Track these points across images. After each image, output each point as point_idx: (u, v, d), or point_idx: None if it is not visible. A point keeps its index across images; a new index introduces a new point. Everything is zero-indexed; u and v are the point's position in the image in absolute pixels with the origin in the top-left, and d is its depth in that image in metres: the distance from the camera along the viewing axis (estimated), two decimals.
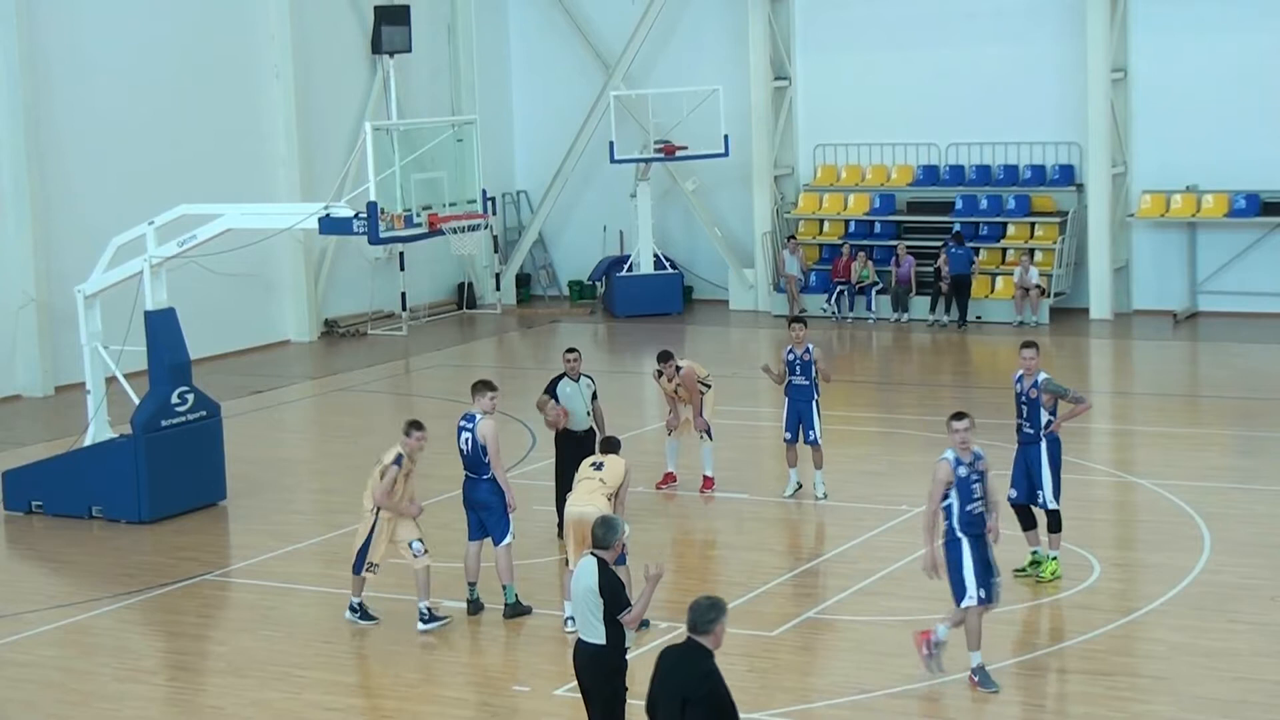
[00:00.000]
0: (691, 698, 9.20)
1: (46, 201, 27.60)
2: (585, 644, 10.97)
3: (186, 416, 19.81)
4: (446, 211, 19.59)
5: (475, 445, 15.44)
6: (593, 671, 10.96)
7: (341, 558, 17.94)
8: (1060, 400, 16.12)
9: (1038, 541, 16.21)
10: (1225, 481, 19.67)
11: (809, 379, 19.09)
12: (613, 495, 14.92)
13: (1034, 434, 16.17)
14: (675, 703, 9.26)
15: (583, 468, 15.38)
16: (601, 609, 10.84)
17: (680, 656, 9.45)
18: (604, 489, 14.89)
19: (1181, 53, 31.35)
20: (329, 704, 13.69)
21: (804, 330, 19.09)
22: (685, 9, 35.52)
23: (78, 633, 15.86)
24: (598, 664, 10.92)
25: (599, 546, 11.15)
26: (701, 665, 9.26)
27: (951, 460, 13.53)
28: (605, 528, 11.20)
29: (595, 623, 10.88)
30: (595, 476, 15.06)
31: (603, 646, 10.89)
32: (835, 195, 34.56)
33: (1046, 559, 16.14)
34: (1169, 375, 27.40)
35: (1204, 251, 31.66)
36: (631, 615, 10.93)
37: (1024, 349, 16.36)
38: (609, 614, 10.83)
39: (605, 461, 15.28)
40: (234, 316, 30.51)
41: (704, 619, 9.37)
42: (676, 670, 9.38)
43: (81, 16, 28.36)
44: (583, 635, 11.01)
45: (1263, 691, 13.33)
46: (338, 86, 33.28)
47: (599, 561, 11.03)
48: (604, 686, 10.94)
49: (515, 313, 35.81)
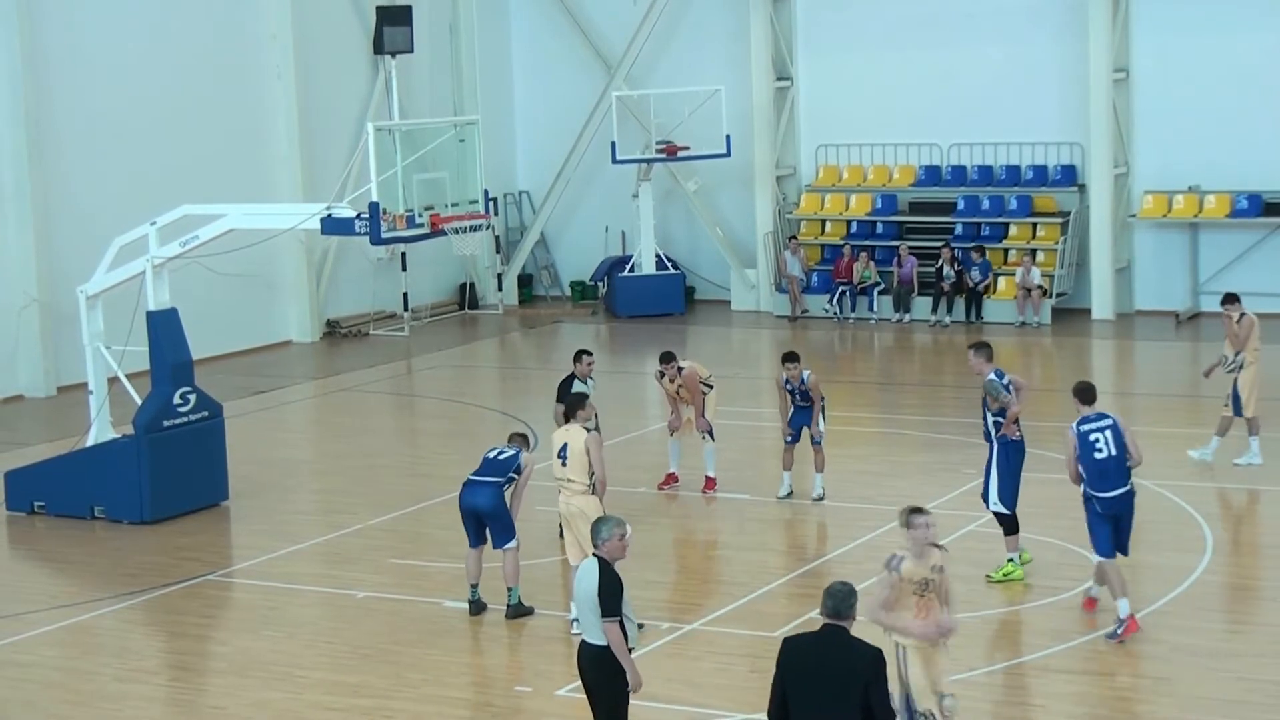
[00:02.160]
0: (874, 680, 9.18)
1: (48, 202, 27.62)
2: (589, 645, 10.97)
3: (189, 417, 19.82)
4: (448, 212, 19.60)
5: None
6: (596, 672, 10.96)
7: (343, 558, 18.00)
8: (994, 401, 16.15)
9: (1015, 547, 16.24)
10: (1227, 482, 19.67)
11: (808, 400, 19.15)
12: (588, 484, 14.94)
13: (987, 435, 16.25)
14: (853, 689, 9.13)
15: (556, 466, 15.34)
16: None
17: (837, 644, 9.30)
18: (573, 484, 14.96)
19: (1184, 53, 31.34)
20: (331, 704, 13.70)
21: (797, 366, 19.05)
22: (687, 9, 35.52)
23: (80, 633, 15.86)
24: (601, 665, 10.91)
25: (594, 546, 11.18)
26: (869, 649, 9.23)
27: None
28: (594, 527, 11.22)
29: (597, 624, 10.88)
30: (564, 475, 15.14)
31: (606, 648, 10.88)
32: (837, 195, 34.56)
33: (1007, 560, 16.21)
34: (1171, 376, 27.37)
35: (1206, 252, 31.66)
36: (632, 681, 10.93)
37: (968, 349, 16.51)
38: (602, 616, 10.79)
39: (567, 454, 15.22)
40: (236, 317, 30.52)
41: (845, 604, 9.36)
42: (842, 658, 9.24)
43: (83, 17, 28.37)
44: (586, 636, 11.02)
45: (1264, 692, 13.33)
46: (339, 87, 33.30)
47: (599, 561, 11.01)
48: (607, 686, 10.92)
49: (517, 313, 35.82)
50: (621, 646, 10.86)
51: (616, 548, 11.01)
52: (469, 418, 25.42)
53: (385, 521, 19.27)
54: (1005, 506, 16.12)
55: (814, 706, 9.24)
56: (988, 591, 15.92)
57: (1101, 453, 14.43)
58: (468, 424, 24.93)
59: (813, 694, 9.25)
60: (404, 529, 19.06)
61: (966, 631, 15.21)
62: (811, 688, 9.27)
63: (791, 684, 9.32)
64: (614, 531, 11.03)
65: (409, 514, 19.57)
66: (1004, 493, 16.11)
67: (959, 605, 15.71)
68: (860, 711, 9.12)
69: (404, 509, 19.74)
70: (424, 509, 19.61)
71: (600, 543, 11.04)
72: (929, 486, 19.28)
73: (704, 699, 13.15)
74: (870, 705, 9.13)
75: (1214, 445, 20.12)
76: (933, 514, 11.50)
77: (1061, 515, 18.30)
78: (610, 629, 10.79)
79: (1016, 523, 16.21)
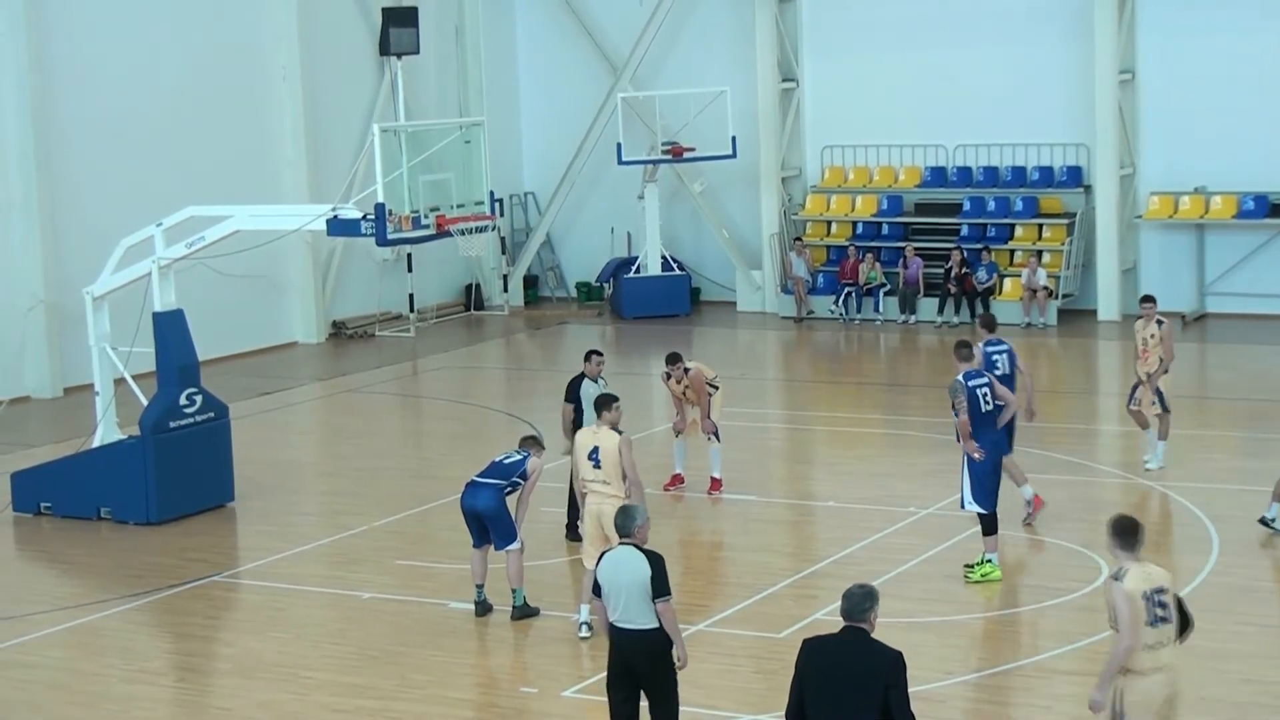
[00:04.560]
0: (895, 683, 9.17)
1: (55, 203, 27.64)
2: (636, 631, 11.17)
3: (195, 418, 19.83)
4: (454, 213, 19.62)
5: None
6: (647, 655, 11.17)
7: (349, 559, 18.00)
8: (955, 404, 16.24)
9: (995, 547, 16.23)
10: (1233, 483, 19.65)
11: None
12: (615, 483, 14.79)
13: (957, 436, 16.35)
14: (874, 690, 9.13)
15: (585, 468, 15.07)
16: (649, 595, 11.09)
17: (856, 646, 9.30)
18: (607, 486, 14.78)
19: (1190, 54, 31.31)
20: (336, 705, 13.70)
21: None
22: (693, 11, 35.52)
23: (85, 634, 15.88)
24: (653, 647, 11.15)
25: (625, 535, 11.36)
26: (889, 651, 9.22)
27: None
28: (624, 516, 11.42)
29: (646, 610, 11.10)
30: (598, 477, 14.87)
31: (658, 629, 11.14)
32: (843, 197, 34.56)
33: (983, 559, 16.23)
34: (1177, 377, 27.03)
35: (1212, 253, 31.63)
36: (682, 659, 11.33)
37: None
38: (657, 597, 11.08)
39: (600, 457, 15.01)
40: (242, 318, 30.53)
41: (859, 607, 9.35)
42: (860, 660, 9.24)
43: (89, 20, 28.39)
44: (632, 625, 11.18)
45: (1270, 694, 13.32)
46: (345, 88, 33.31)
47: (637, 549, 11.25)
48: (661, 668, 11.19)
49: (523, 314, 35.83)
50: (677, 624, 11.19)
51: (646, 534, 11.38)
52: (475, 419, 25.42)
53: (391, 523, 19.28)
54: (981, 506, 16.16)
55: (833, 709, 9.23)
56: (990, 593, 15.91)
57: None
58: (473, 425, 24.94)
59: (832, 696, 9.24)
60: (409, 530, 19.07)
61: (970, 633, 15.26)
62: (831, 690, 9.26)
63: (810, 686, 9.32)
64: (645, 518, 11.40)
65: (414, 515, 19.58)
66: (978, 492, 16.15)
67: (961, 607, 15.75)
68: (880, 715, 9.11)
69: (409, 510, 19.75)
70: (429, 510, 19.61)
71: (635, 530, 11.31)
72: (934, 488, 19.27)
73: (710, 700, 13.14)
74: (890, 708, 9.12)
75: (1160, 449, 20.13)
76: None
77: (1066, 517, 18.32)
78: (668, 608, 11.09)
79: (995, 522, 16.21)
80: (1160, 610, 10.14)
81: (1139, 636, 10.04)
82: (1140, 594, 10.09)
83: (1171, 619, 10.23)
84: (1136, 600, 10.05)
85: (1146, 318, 20.14)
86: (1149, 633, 10.08)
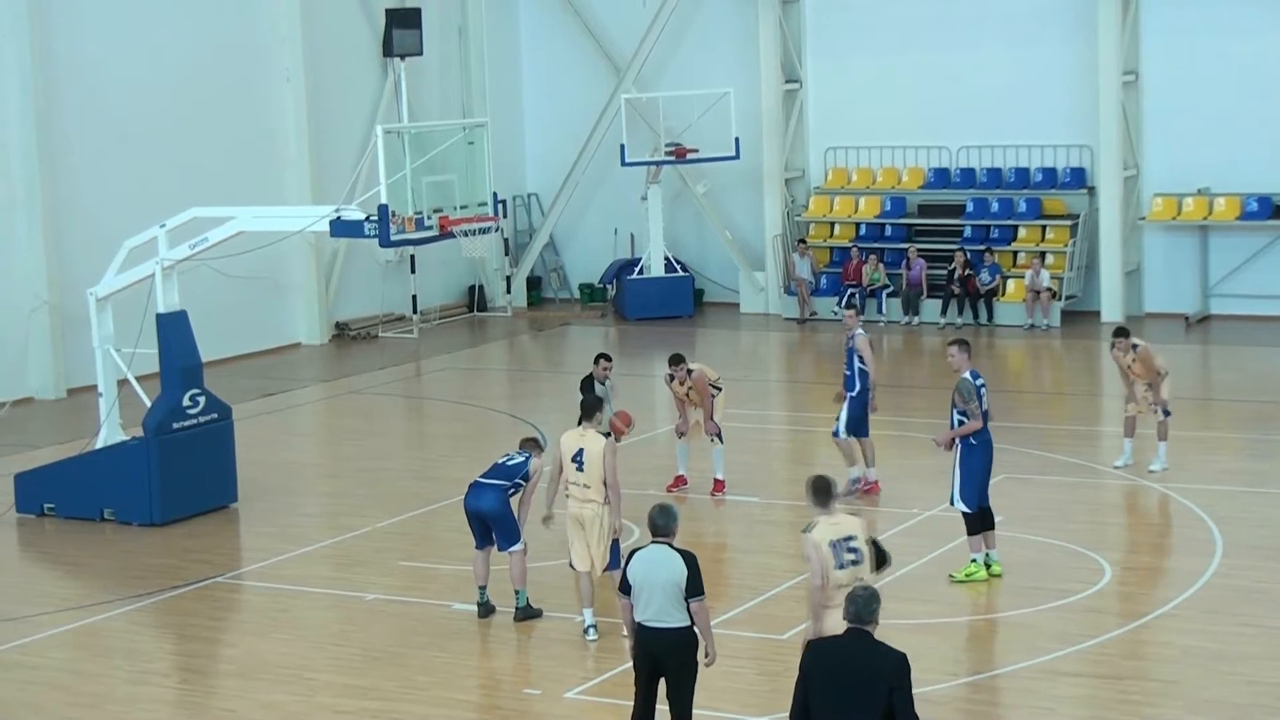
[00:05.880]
0: (900, 685, 9.18)
1: (58, 205, 27.65)
2: (667, 630, 11.30)
3: (198, 419, 19.84)
4: (457, 214, 19.62)
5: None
6: (678, 652, 11.32)
7: (352, 560, 18.01)
8: (964, 403, 16.14)
9: (980, 547, 16.21)
10: (1237, 485, 19.64)
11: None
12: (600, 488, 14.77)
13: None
14: (878, 691, 9.13)
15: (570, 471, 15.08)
16: (683, 594, 11.25)
17: (862, 648, 9.29)
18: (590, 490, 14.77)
19: (1193, 55, 31.31)
20: (340, 706, 13.70)
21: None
22: (696, 12, 35.54)
23: (89, 635, 15.88)
24: (685, 645, 11.33)
25: (662, 535, 11.47)
26: (894, 653, 9.23)
27: None
28: (663, 515, 11.55)
29: (677, 609, 11.24)
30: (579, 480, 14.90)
31: (688, 627, 11.30)
32: (846, 198, 34.56)
33: (970, 560, 16.23)
34: (1180, 378, 27.17)
35: (1216, 254, 31.62)
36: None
37: (948, 345, 16.59)
38: (691, 596, 11.25)
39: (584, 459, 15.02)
40: (245, 319, 30.55)
41: (868, 609, 9.36)
42: (865, 661, 9.24)
43: (92, 21, 28.40)
44: (662, 624, 11.29)
45: (1274, 695, 13.31)
46: (349, 89, 33.33)
47: (672, 548, 11.38)
48: (690, 665, 11.35)
49: (526, 315, 35.84)
50: (709, 622, 11.45)
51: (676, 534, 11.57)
52: (478, 420, 25.42)
53: (394, 524, 19.29)
54: (967, 505, 16.13)
55: (837, 710, 9.22)
56: (993, 594, 15.91)
57: None
58: (477, 426, 24.94)
59: (836, 698, 9.24)
60: (413, 531, 19.07)
61: (974, 634, 15.26)
62: (835, 692, 9.26)
63: (815, 688, 9.32)
64: (680, 518, 11.63)
65: (418, 516, 19.58)
66: (966, 492, 16.13)
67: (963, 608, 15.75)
68: (884, 716, 9.11)
69: (413, 511, 19.76)
70: (433, 511, 19.62)
71: (674, 530, 11.51)
72: (937, 489, 19.22)
73: (713, 702, 13.12)
74: (894, 710, 9.12)
75: (1162, 451, 20.11)
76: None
77: (1069, 519, 18.32)
78: (702, 607, 11.27)
79: (980, 522, 16.19)
80: (851, 555, 11.54)
81: (828, 578, 11.43)
82: (827, 542, 11.51)
83: (863, 561, 11.58)
84: (823, 547, 11.48)
85: (1122, 350, 20.05)
86: (839, 575, 11.43)
